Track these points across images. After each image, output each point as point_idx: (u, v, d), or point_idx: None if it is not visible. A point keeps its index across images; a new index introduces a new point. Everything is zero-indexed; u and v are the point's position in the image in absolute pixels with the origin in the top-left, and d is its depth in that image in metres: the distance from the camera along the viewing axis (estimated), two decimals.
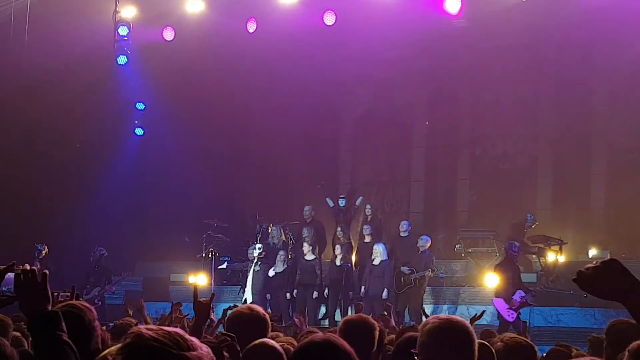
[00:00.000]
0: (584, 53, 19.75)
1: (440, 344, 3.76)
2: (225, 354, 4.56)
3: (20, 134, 19.30)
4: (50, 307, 3.56)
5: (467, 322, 3.90)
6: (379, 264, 17.32)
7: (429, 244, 17.60)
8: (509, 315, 15.53)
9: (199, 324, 5.10)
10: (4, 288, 3.68)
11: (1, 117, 18.91)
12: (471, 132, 21.78)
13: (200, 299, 5.40)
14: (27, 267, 3.61)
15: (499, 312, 15.80)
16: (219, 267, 18.67)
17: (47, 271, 3.61)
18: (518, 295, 15.47)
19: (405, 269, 17.23)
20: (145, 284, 19.34)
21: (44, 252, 17.84)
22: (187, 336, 2.41)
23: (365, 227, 18.21)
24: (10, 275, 3.63)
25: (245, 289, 17.54)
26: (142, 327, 2.40)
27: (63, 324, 3.52)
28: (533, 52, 20.60)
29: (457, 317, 4.01)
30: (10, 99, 18.70)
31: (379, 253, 17.34)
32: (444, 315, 4.16)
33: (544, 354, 6.40)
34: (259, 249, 17.78)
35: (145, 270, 20.25)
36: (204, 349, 2.41)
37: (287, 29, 19.26)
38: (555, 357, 6.23)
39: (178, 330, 2.42)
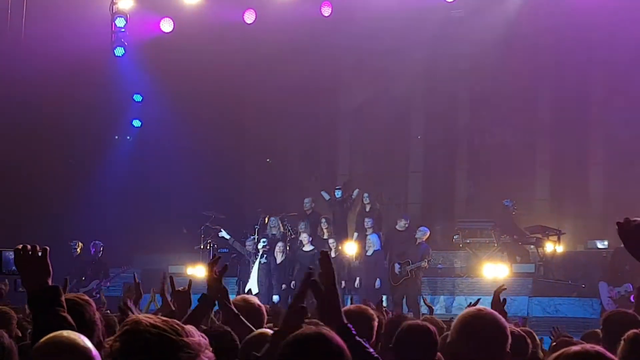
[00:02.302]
0: (582, 43, 19.74)
1: (467, 338, 3.68)
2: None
3: (16, 126, 19.16)
4: (50, 282, 3.64)
5: (497, 314, 3.79)
6: (372, 254, 17.43)
7: (426, 236, 17.61)
8: (607, 303, 15.30)
9: (181, 316, 4.91)
10: (13, 267, 3.80)
11: None
12: (469, 122, 21.74)
13: (179, 289, 5.37)
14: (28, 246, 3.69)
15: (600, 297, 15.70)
16: (220, 235, 18.52)
17: (47, 247, 3.70)
18: (624, 288, 15.16)
19: (396, 266, 17.23)
20: (144, 276, 19.26)
21: (78, 248, 17.98)
22: (183, 325, 2.47)
23: (366, 220, 18.21)
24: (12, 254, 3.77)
25: (250, 280, 17.56)
26: (139, 315, 2.45)
27: (62, 299, 3.60)
28: (530, 41, 20.55)
29: (487, 308, 3.92)
30: (7, 91, 18.61)
31: (372, 244, 17.44)
32: (474, 307, 4.06)
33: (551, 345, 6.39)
34: (263, 242, 17.79)
35: (143, 262, 20.17)
36: (202, 338, 2.47)
37: (284, 20, 19.30)
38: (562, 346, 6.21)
39: (174, 320, 2.47)
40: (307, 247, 17.64)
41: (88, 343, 3.14)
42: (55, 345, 3.10)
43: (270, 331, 4.40)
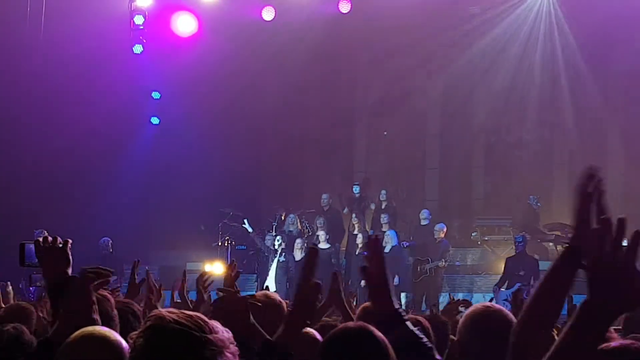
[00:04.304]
0: (600, 39, 19.69)
1: (476, 335, 3.69)
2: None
3: (33, 123, 19.20)
4: (70, 272, 3.65)
5: (505, 310, 3.78)
6: (390, 250, 17.28)
7: (443, 232, 17.66)
8: (505, 307, 15.35)
9: None
10: (35, 260, 3.79)
11: (16, 106, 18.90)
12: (486, 119, 21.58)
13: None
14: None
15: None
16: (243, 225, 18.57)
17: (69, 239, 3.72)
18: (516, 287, 15.13)
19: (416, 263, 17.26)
20: (162, 273, 19.31)
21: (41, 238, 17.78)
22: (208, 320, 2.43)
23: (382, 215, 18.25)
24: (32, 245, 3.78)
25: (268, 278, 17.49)
26: (163, 310, 2.42)
27: None
28: (549, 38, 20.57)
29: (495, 305, 3.92)
30: (26, 88, 18.71)
31: (389, 240, 17.37)
32: (481, 304, 4.04)
33: None
34: (278, 240, 17.74)
35: (161, 259, 20.16)
36: (225, 333, 2.43)
37: (303, 17, 19.38)
38: None
39: (199, 314, 2.44)
40: (324, 245, 17.56)
41: (118, 337, 3.14)
42: (86, 340, 3.09)
43: (313, 331, 4.39)
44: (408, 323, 3.29)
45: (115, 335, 3.15)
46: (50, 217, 17.57)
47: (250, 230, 18.45)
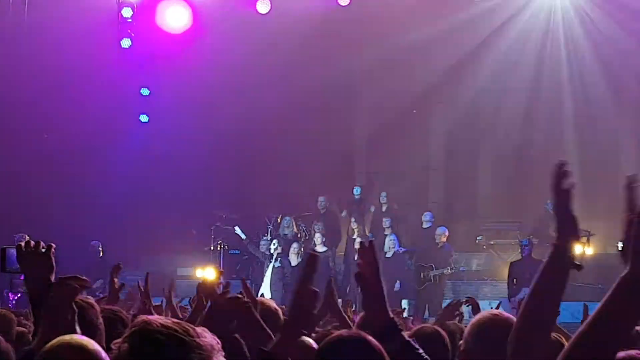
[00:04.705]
0: (607, 34, 19.72)
1: (483, 343, 3.69)
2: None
3: (18, 121, 18.99)
4: (53, 278, 3.64)
5: (513, 318, 3.61)
6: (392, 256, 17.36)
7: (445, 236, 17.49)
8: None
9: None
10: (16, 265, 3.82)
11: None
12: (493, 118, 21.24)
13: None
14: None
15: None
16: (235, 232, 18.46)
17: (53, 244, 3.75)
18: (522, 293, 14.83)
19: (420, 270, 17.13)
20: (151, 278, 18.76)
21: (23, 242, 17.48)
22: (194, 326, 2.44)
23: (384, 219, 18.20)
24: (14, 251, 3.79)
25: (263, 284, 17.27)
26: (149, 316, 2.43)
27: None
28: (555, 36, 20.54)
29: (502, 312, 3.92)
30: (8, 83, 18.36)
31: (392, 244, 17.40)
32: (488, 312, 4.02)
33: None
34: (274, 244, 17.54)
35: (151, 264, 19.79)
36: (214, 340, 2.44)
37: (300, 9, 19.18)
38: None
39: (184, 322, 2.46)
40: (320, 248, 17.40)
41: (97, 346, 3.11)
42: (63, 348, 3.03)
43: (309, 339, 4.26)
44: (403, 333, 3.37)
45: (94, 344, 3.12)
46: (37, 220, 17.40)
47: (243, 237, 18.41)
